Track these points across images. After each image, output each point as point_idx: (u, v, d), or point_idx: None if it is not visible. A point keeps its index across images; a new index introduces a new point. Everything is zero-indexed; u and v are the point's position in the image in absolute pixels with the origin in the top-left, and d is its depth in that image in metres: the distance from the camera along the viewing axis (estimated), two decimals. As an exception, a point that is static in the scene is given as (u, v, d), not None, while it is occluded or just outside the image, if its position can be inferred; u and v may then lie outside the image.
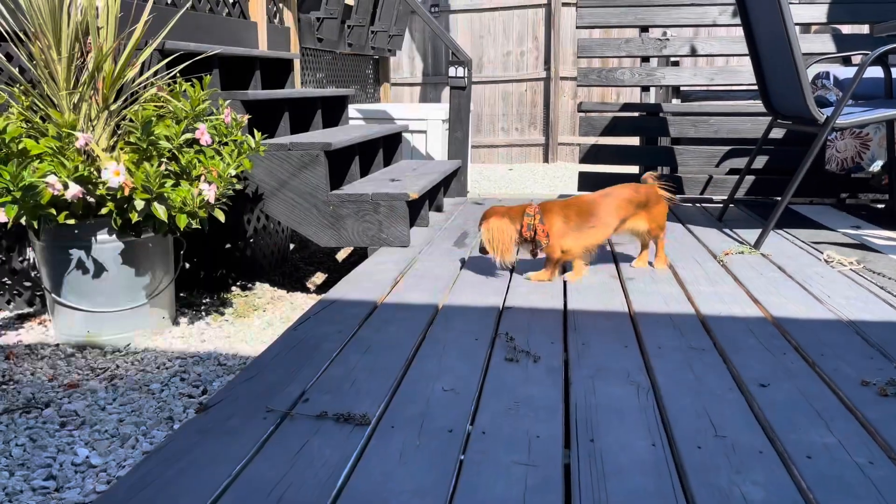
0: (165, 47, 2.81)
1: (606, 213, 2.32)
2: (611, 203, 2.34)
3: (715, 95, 4.56)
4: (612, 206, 2.33)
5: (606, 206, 2.33)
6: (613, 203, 2.34)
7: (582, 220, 2.30)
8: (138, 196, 2.16)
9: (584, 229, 2.30)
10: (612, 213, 2.33)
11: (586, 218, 2.30)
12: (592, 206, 2.33)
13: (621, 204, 2.34)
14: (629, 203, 2.35)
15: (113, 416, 2.06)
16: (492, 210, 2.33)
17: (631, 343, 1.77)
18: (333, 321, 1.96)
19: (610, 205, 2.33)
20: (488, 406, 1.43)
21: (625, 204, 2.35)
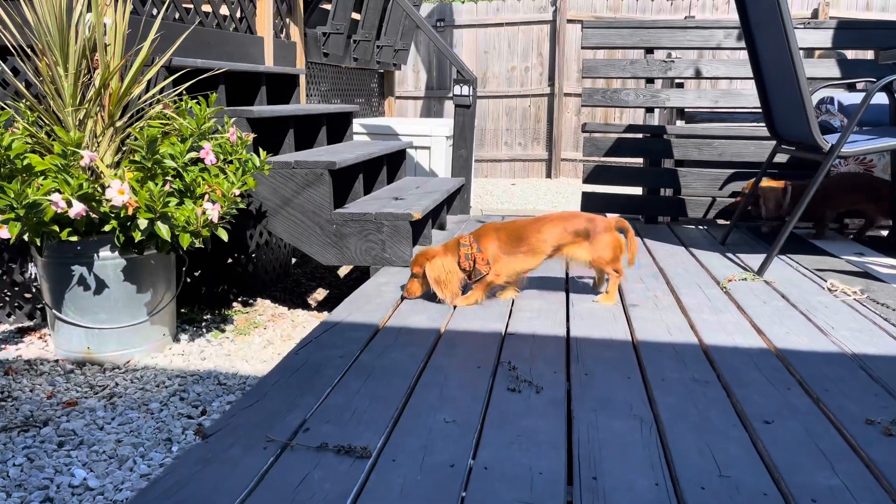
0: (172, 64, 2.81)
1: (539, 240, 2.30)
2: (544, 229, 2.32)
3: (718, 117, 4.57)
4: (545, 232, 2.31)
5: (540, 231, 2.31)
6: (547, 229, 2.32)
7: (514, 245, 2.30)
8: (142, 215, 2.15)
9: (516, 254, 2.30)
10: (546, 240, 2.31)
11: (518, 243, 2.30)
12: (525, 231, 2.32)
13: (555, 230, 2.31)
14: (565, 231, 2.32)
15: (111, 437, 2.05)
16: (429, 250, 2.34)
17: (634, 374, 1.76)
18: (335, 345, 1.95)
19: (543, 231, 2.31)
20: (490, 439, 1.42)
21: (559, 231, 2.31)
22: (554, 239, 2.32)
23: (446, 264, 2.29)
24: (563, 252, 2.35)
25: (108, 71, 2.42)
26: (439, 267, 2.29)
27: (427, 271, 2.30)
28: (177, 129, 2.52)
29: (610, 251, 2.33)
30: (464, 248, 2.29)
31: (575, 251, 2.34)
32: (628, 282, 2.66)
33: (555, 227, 2.33)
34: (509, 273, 2.33)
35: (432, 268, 2.29)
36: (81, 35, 2.40)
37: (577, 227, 2.33)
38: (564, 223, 2.33)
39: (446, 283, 2.28)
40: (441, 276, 2.28)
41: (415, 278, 2.38)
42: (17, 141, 2.16)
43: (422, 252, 2.35)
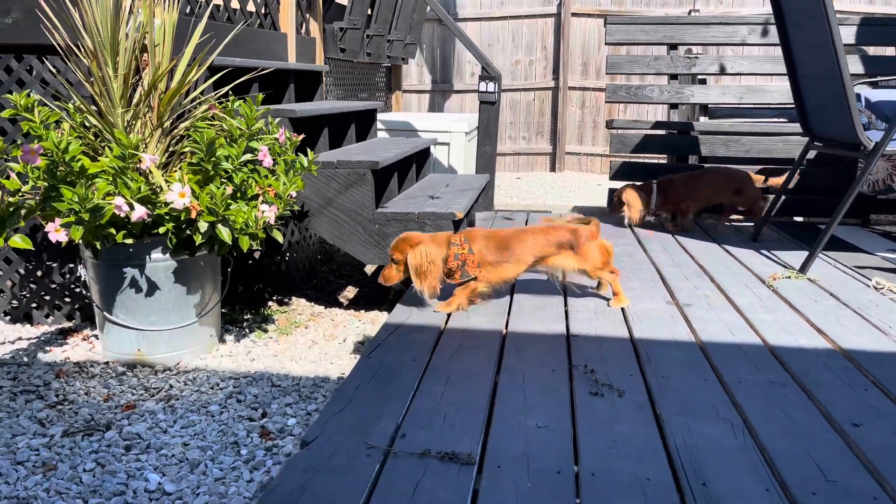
0: (214, 63, 2.79)
1: (522, 250, 2.30)
2: (528, 239, 2.32)
3: (738, 113, 4.59)
4: (528, 242, 2.31)
5: (524, 241, 2.31)
6: (531, 239, 2.32)
7: (500, 253, 2.29)
8: (204, 218, 2.14)
9: (501, 263, 2.29)
10: (529, 250, 2.31)
11: (504, 252, 2.29)
12: (510, 241, 2.31)
13: (538, 241, 2.32)
14: (548, 243, 2.32)
15: (176, 440, 2.05)
16: (414, 235, 2.27)
17: (710, 377, 1.78)
18: (404, 348, 1.96)
19: (527, 241, 2.31)
20: (587, 445, 1.43)
21: (542, 242, 2.32)
22: (538, 249, 2.32)
23: (431, 254, 2.21)
24: (549, 262, 2.34)
25: (158, 72, 2.41)
26: (423, 255, 2.19)
27: (409, 258, 2.21)
28: (225, 129, 2.50)
29: (599, 257, 2.33)
30: (454, 246, 2.25)
31: (562, 261, 2.33)
32: (674, 280, 2.68)
33: (538, 238, 2.33)
34: (494, 280, 2.31)
35: (416, 255, 2.20)
36: (132, 36, 2.38)
37: (561, 238, 2.33)
38: (547, 235, 2.34)
39: (427, 274, 2.19)
40: (423, 266, 2.19)
41: (393, 264, 2.30)
42: (73, 143, 2.15)
43: (404, 236, 2.26)
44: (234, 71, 2.89)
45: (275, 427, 2.12)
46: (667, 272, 2.80)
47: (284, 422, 2.16)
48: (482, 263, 2.26)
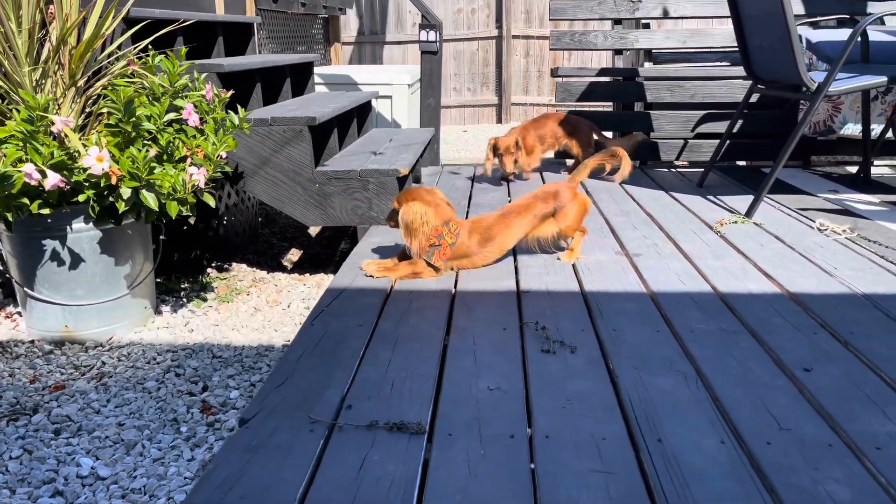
0: (130, 15, 2.58)
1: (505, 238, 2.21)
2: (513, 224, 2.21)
3: (682, 58, 4.55)
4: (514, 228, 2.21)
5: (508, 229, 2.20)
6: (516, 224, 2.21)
7: (480, 247, 2.19)
8: (126, 184, 1.99)
9: (478, 255, 2.20)
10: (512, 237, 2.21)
11: (485, 244, 2.19)
12: (492, 232, 2.19)
13: (524, 223, 2.21)
14: (535, 218, 2.22)
15: (111, 420, 1.94)
16: (414, 191, 2.14)
17: (661, 327, 1.75)
18: (349, 313, 1.87)
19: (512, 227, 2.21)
20: (541, 406, 1.38)
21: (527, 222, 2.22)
22: (523, 231, 2.23)
23: (427, 214, 2.09)
24: (529, 237, 2.25)
25: (67, 25, 2.20)
26: (417, 213, 2.08)
27: (403, 210, 2.10)
28: (147, 87, 2.33)
29: (576, 219, 2.26)
30: (446, 227, 2.13)
31: (542, 231, 2.25)
32: (623, 230, 2.65)
33: (524, 219, 2.21)
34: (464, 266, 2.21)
35: (409, 210, 2.09)
36: (33, -15, 2.17)
37: (546, 210, 2.23)
38: (533, 210, 2.22)
39: (416, 232, 2.09)
40: (415, 223, 2.08)
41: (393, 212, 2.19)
42: (-26, 106, 1.95)
43: (408, 190, 2.15)
44: (155, 24, 2.68)
45: (216, 401, 2.02)
46: (615, 222, 2.77)
47: (227, 395, 2.06)
48: (457, 256, 2.16)
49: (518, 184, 3.52)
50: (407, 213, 2.09)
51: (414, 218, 2.08)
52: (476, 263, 2.23)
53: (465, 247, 2.17)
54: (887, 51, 3.38)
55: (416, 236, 2.09)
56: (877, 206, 2.93)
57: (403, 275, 2.13)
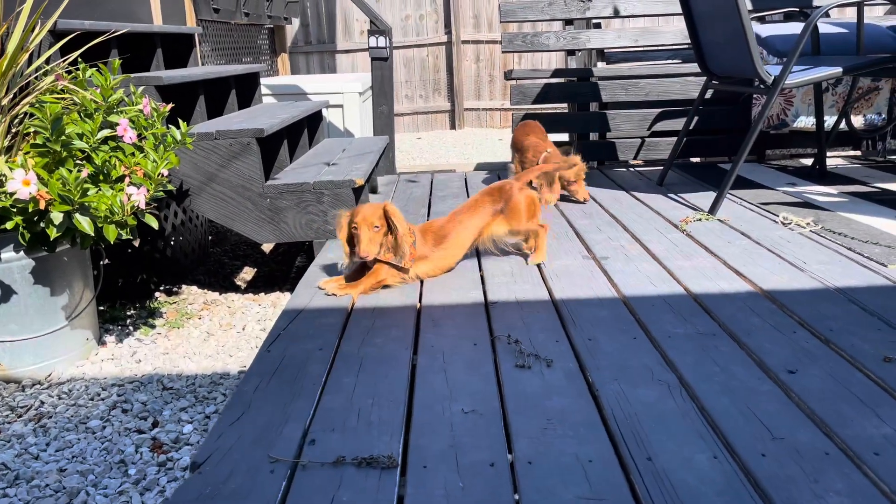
0: (58, 28, 2.42)
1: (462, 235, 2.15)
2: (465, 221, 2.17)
3: (634, 57, 4.54)
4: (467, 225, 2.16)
5: (461, 223, 2.16)
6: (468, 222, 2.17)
7: (436, 246, 2.14)
8: (56, 208, 1.83)
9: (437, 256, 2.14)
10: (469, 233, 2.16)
11: (441, 242, 2.14)
12: (446, 230, 2.15)
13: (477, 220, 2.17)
14: (485, 214, 2.18)
15: (51, 466, 1.77)
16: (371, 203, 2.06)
17: (638, 334, 1.68)
18: (308, 335, 1.75)
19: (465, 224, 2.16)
20: (520, 428, 1.29)
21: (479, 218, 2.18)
22: (478, 226, 2.17)
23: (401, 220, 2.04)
24: (484, 236, 2.20)
25: (-14, 38, 2.03)
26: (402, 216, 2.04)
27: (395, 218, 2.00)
28: (78, 103, 2.17)
29: (527, 212, 2.20)
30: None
31: (495, 229, 2.20)
32: (588, 233, 2.58)
33: (476, 215, 2.18)
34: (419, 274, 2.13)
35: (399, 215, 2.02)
36: (-54, -4, 1.99)
37: (495, 206, 2.19)
38: (484, 206, 2.18)
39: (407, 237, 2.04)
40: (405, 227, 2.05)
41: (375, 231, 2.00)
42: None
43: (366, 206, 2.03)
44: (86, 36, 2.52)
45: (168, 437, 1.87)
46: (579, 224, 2.70)
47: (179, 430, 1.92)
48: (421, 258, 2.09)
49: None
50: (400, 218, 2.03)
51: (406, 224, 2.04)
52: (437, 267, 2.14)
53: (422, 249, 2.11)
54: (835, 42, 3.40)
55: (408, 241, 2.04)
56: (836, 198, 2.93)
57: (368, 287, 2.03)
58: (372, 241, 1.99)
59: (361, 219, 1.99)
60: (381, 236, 2.01)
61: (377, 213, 2.00)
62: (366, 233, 1.98)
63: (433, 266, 2.13)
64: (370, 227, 1.98)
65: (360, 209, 2.03)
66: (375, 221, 1.99)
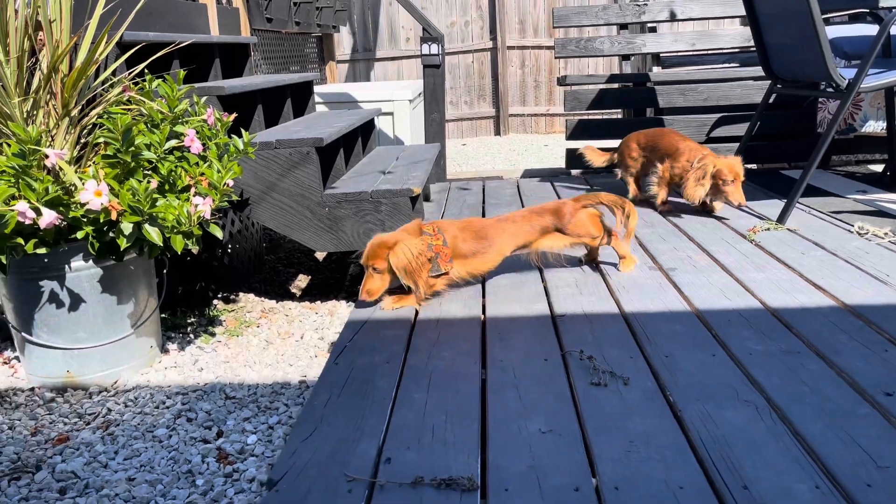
0: (124, 40, 2.46)
1: (502, 241, 2.10)
2: (508, 229, 2.12)
3: (690, 61, 4.44)
4: (509, 232, 2.12)
5: (504, 231, 2.12)
6: (511, 229, 2.12)
7: (476, 244, 2.09)
8: (127, 219, 1.85)
9: (477, 255, 2.09)
10: (508, 241, 2.11)
11: (481, 242, 2.09)
12: (489, 231, 2.11)
13: (520, 231, 2.13)
14: (532, 229, 2.13)
15: (120, 475, 1.78)
16: (387, 237, 2.01)
17: (717, 350, 1.61)
18: (374, 348, 1.73)
19: (507, 230, 2.12)
20: (603, 450, 1.24)
21: (527, 230, 2.13)
22: (520, 238, 2.13)
23: (414, 248, 1.96)
24: (534, 247, 2.16)
25: (58, 52, 2.07)
26: (407, 253, 1.94)
27: (393, 261, 1.95)
28: (143, 114, 2.19)
29: (590, 225, 2.16)
30: (427, 235, 2.03)
31: (550, 243, 2.15)
32: (652, 243, 2.51)
33: (520, 226, 2.13)
34: (465, 276, 2.09)
35: (399, 255, 1.94)
36: (21, 12, 2.04)
37: (545, 223, 2.14)
38: (530, 221, 2.14)
39: (419, 270, 1.96)
40: (412, 264, 1.94)
41: (375, 273, 2.00)
42: (-39, 142, 1.82)
43: (378, 241, 2.00)
44: (149, 48, 2.55)
45: (233, 448, 1.87)
46: (642, 234, 2.63)
47: (244, 440, 1.91)
48: (454, 256, 2.04)
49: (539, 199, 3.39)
50: (398, 259, 1.95)
51: (408, 259, 1.95)
52: (474, 269, 2.10)
53: (459, 245, 2.06)
54: (907, 44, 3.27)
55: (421, 273, 1.98)
56: (911, 206, 2.81)
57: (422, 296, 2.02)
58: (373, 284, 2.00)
59: (364, 258, 1.99)
60: (386, 277, 2.00)
61: (381, 255, 1.97)
62: (369, 275, 2.00)
63: (470, 269, 2.09)
64: (371, 270, 1.99)
65: (369, 246, 2.00)
66: (377, 264, 1.98)
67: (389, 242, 1.97)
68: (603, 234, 2.18)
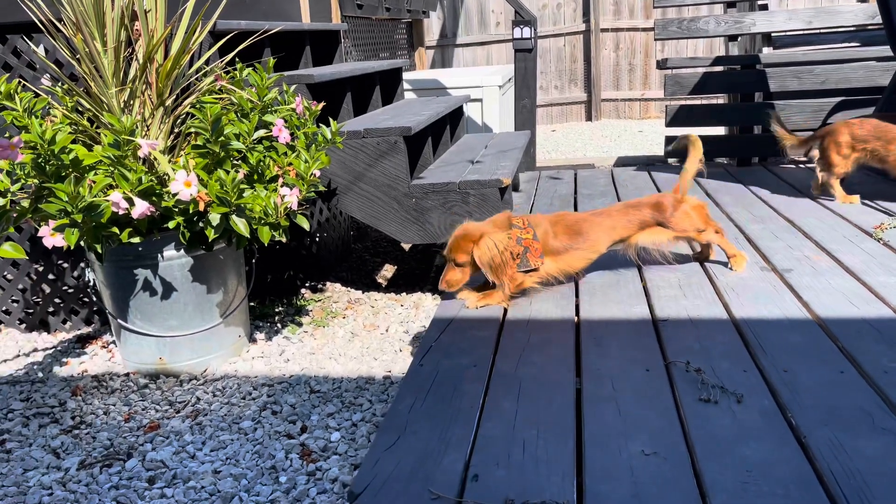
0: (217, 28, 2.46)
1: (596, 236, 1.96)
2: (603, 223, 1.98)
3: (805, 41, 4.10)
4: (604, 226, 1.97)
5: (600, 226, 1.97)
6: (607, 223, 1.98)
7: (569, 240, 1.94)
8: (214, 210, 1.84)
9: (570, 251, 1.94)
10: (604, 236, 1.97)
11: (574, 238, 1.94)
12: (583, 226, 1.96)
13: (617, 224, 1.98)
14: (629, 224, 1.98)
15: (206, 467, 1.78)
16: (472, 228, 1.90)
17: (844, 366, 1.43)
18: (461, 349, 1.65)
19: (602, 224, 1.97)
20: (715, 480, 1.11)
21: (623, 224, 1.98)
22: (616, 233, 1.99)
23: (501, 243, 1.85)
24: (631, 241, 2.01)
25: (153, 42, 2.08)
26: (494, 247, 1.84)
27: (477, 255, 1.85)
28: (234, 103, 2.18)
29: (696, 218, 2.00)
30: (516, 229, 1.91)
31: (650, 238, 2.00)
32: (763, 240, 2.31)
33: (616, 219, 1.99)
34: (556, 273, 1.96)
35: (485, 249, 1.84)
36: (118, 2, 2.06)
37: (643, 217, 1.99)
38: (627, 215, 1.99)
39: (504, 266, 1.85)
40: (497, 259, 1.84)
41: (457, 266, 1.92)
42: (61, 133, 1.85)
43: (463, 232, 1.90)
44: (240, 36, 2.55)
45: (317, 445, 1.84)
46: (751, 230, 2.43)
47: (328, 437, 1.88)
48: (545, 253, 1.92)
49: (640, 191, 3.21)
50: (483, 253, 1.85)
51: (493, 253, 1.84)
52: (567, 266, 1.96)
53: (551, 240, 1.93)
54: None
55: (506, 269, 1.87)
56: None
57: (506, 296, 1.92)
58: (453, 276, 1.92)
59: (448, 250, 1.91)
60: (467, 270, 1.91)
61: (464, 248, 1.87)
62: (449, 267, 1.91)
63: (562, 266, 1.96)
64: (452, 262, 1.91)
65: (454, 237, 1.91)
66: (460, 257, 1.89)
67: (475, 235, 1.88)
68: (709, 227, 2.01)
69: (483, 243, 1.85)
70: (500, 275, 1.86)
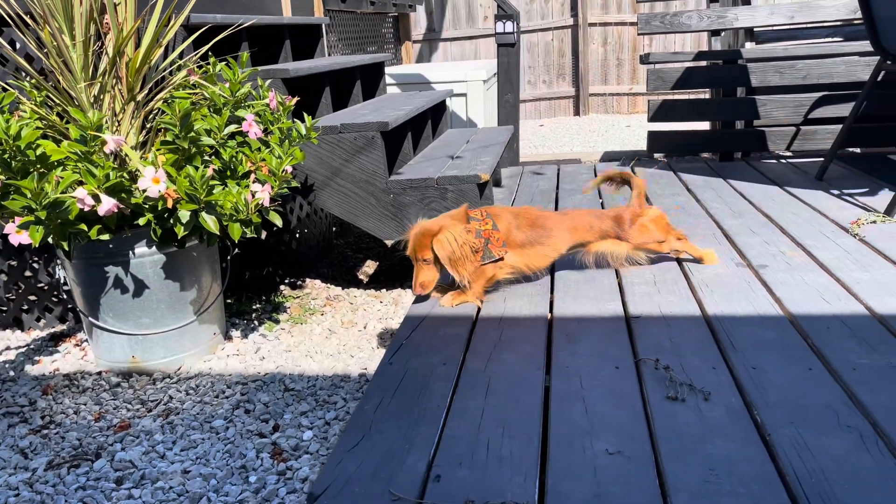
0: (191, 21, 2.43)
1: (558, 233, 1.93)
2: (565, 222, 1.96)
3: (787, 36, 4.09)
4: (565, 226, 1.95)
5: (559, 224, 1.95)
6: (567, 223, 1.96)
7: (530, 234, 1.91)
8: (183, 206, 1.81)
9: (534, 246, 1.91)
10: (565, 235, 1.94)
11: (535, 231, 1.91)
12: (547, 222, 1.94)
13: (579, 226, 1.96)
14: (590, 229, 1.96)
15: (176, 467, 1.76)
16: (429, 224, 1.85)
17: (814, 363, 1.43)
18: (432, 348, 1.63)
19: (563, 224, 1.95)
20: (678, 479, 1.10)
21: (582, 227, 1.96)
22: (578, 235, 1.96)
23: (459, 236, 1.81)
24: (592, 249, 1.99)
25: (122, 35, 2.05)
26: (451, 241, 1.79)
27: (437, 248, 1.81)
28: (207, 98, 2.16)
29: (654, 230, 1.99)
30: (475, 221, 1.87)
31: (609, 248, 1.99)
32: (740, 235, 2.30)
33: (580, 223, 1.97)
34: (520, 267, 1.92)
35: (443, 243, 1.80)
36: (86, -6, 2.02)
37: (605, 227, 1.98)
38: (591, 223, 1.97)
39: (464, 259, 1.81)
40: (456, 253, 1.79)
41: (423, 264, 1.86)
42: (27, 128, 1.81)
43: (420, 230, 1.84)
44: (216, 29, 2.52)
45: (288, 444, 1.82)
46: (728, 226, 2.42)
47: (300, 436, 1.86)
48: (508, 244, 1.90)
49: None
50: (443, 248, 1.80)
51: (451, 248, 1.80)
52: (531, 261, 1.93)
53: (514, 232, 1.90)
54: None
55: (465, 262, 1.82)
56: None
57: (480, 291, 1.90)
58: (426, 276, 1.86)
59: (410, 249, 1.85)
60: (436, 267, 1.86)
61: (426, 244, 1.82)
62: (419, 266, 1.86)
63: (526, 260, 1.93)
64: (420, 261, 1.85)
65: (413, 235, 1.85)
66: (425, 254, 1.83)
67: (433, 229, 1.83)
68: (670, 236, 2.01)
69: (442, 236, 1.81)
70: (460, 268, 1.82)
